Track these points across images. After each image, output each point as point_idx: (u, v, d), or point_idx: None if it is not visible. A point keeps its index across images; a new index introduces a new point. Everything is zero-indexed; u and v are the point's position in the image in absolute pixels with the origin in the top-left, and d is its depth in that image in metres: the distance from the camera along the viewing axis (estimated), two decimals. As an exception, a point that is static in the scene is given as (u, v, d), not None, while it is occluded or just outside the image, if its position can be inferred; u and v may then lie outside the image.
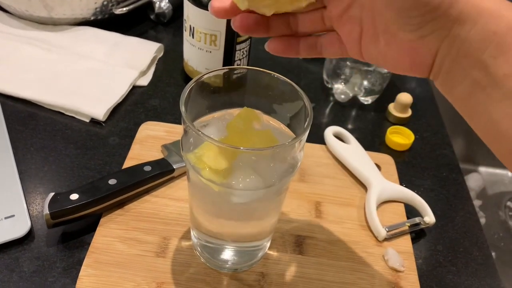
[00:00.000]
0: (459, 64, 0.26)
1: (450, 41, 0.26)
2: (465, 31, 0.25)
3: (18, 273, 0.42)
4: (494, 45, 0.24)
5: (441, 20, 0.26)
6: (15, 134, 0.55)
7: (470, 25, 0.25)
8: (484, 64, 0.25)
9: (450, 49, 0.26)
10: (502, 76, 0.24)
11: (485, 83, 0.25)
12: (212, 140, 0.31)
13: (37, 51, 0.65)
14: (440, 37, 0.26)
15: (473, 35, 0.25)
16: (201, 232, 0.41)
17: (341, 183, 0.53)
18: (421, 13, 0.26)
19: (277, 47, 0.33)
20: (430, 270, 0.47)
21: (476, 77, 0.26)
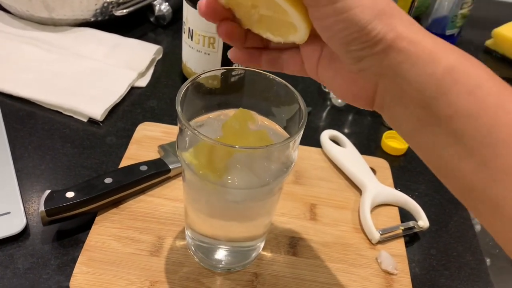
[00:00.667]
0: (402, 101, 0.26)
1: (390, 78, 0.26)
2: (404, 70, 0.25)
3: (13, 270, 0.42)
4: (433, 87, 0.25)
5: (380, 56, 0.26)
6: (13, 132, 0.55)
7: (409, 65, 0.25)
8: (425, 104, 0.25)
9: (390, 86, 0.27)
10: (445, 116, 0.25)
11: (429, 122, 0.26)
12: (207, 139, 0.31)
13: (37, 51, 0.66)
14: (378, 72, 0.27)
15: (412, 76, 0.25)
16: (195, 231, 0.42)
17: (336, 186, 0.53)
18: (360, 48, 0.26)
19: (240, 56, 0.33)
20: (423, 273, 0.47)
21: (420, 116, 0.26)
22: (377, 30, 0.25)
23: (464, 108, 0.24)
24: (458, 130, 0.24)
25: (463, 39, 0.88)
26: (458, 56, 0.25)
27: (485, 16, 0.95)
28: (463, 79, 0.24)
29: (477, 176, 0.24)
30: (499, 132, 0.23)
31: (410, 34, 0.25)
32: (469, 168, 0.24)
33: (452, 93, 0.24)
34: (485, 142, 0.24)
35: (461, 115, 0.24)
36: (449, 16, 0.80)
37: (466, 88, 0.24)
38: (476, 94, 0.24)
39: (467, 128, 0.24)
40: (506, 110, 0.24)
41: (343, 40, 0.26)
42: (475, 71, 0.25)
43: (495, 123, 0.23)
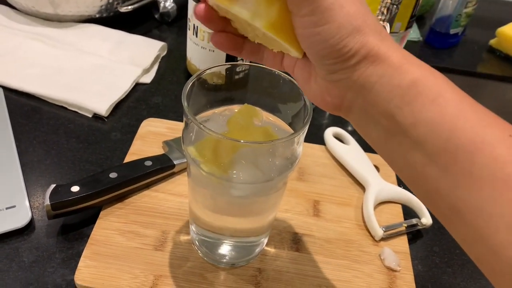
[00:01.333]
0: (368, 111, 0.28)
1: (357, 90, 0.28)
2: (371, 83, 0.27)
3: (18, 263, 0.42)
4: (399, 97, 0.26)
5: (351, 70, 0.28)
6: (19, 127, 0.55)
7: (376, 78, 0.27)
8: (391, 113, 0.27)
9: (358, 98, 0.28)
10: (408, 125, 0.26)
11: (395, 131, 0.27)
12: (213, 133, 0.32)
13: (42, 46, 0.66)
14: (348, 85, 0.28)
15: (379, 87, 0.27)
16: (199, 226, 0.42)
17: (340, 183, 0.53)
18: (333, 62, 0.28)
19: (222, 42, 0.34)
20: (426, 270, 0.47)
21: (386, 125, 0.27)
22: (349, 47, 0.27)
23: (427, 116, 0.25)
24: (420, 137, 0.26)
25: (467, 38, 0.88)
26: (423, 70, 0.27)
27: (489, 16, 0.95)
28: (426, 90, 0.26)
29: (440, 181, 0.25)
30: (459, 138, 0.25)
31: (381, 49, 0.27)
32: (432, 174, 0.26)
33: (416, 103, 0.26)
34: (445, 148, 0.25)
35: (423, 123, 0.26)
36: (453, 15, 0.80)
37: (428, 98, 0.26)
38: (437, 103, 0.25)
39: (429, 135, 0.25)
40: (465, 117, 0.25)
41: (318, 53, 0.28)
42: (437, 82, 0.26)
43: (454, 130, 0.25)
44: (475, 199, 0.24)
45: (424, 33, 0.87)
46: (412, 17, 0.60)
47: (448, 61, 0.83)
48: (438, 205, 0.26)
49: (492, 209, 0.23)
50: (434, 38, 0.84)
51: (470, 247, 0.26)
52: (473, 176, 0.24)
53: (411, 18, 0.60)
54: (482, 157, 0.24)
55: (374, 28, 0.27)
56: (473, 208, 0.24)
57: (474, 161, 0.24)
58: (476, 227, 0.24)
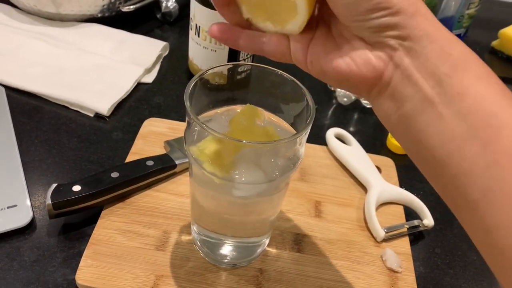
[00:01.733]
0: (411, 78, 0.27)
1: (406, 50, 0.27)
2: (421, 46, 0.26)
3: (19, 262, 0.42)
4: (449, 65, 0.26)
5: (399, 28, 0.26)
6: (20, 126, 0.55)
7: (427, 42, 0.26)
8: (438, 80, 0.26)
9: (404, 59, 0.27)
10: (455, 94, 0.25)
11: (437, 100, 0.26)
12: (215, 133, 0.32)
13: (44, 46, 0.66)
14: (395, 45, 0.27)
15: (430, 51, 0.26)
16: (201, 226, 0.42)
17: (341, 184, 0.53)
18: (381, 15, 0.26)
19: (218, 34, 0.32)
20: (427, 272, 0.47)
21: (428, 93, 0.26)
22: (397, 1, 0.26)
23: (475, 89, 0.25)
24: (465, 109, 0.25)
25: (469, 39, 0.88)
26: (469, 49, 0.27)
27: (491, 17, 0.95)
28: (475, 66, 0.26)
29: (478, 158, 0.25)
30: (504, 114, 0.25)
31: (428, 14, 0.27)
32: (471, 150, 0.25)
33: (466, 74, 0.26)
34: (489, 123, 0.25)
35: (471, 94, 0.25)
36: (456, 16, 0.80)
37: (477, 73, 0.26)
38: (485, 79, 0.26)
39: (475, 107, 0.25)
40: (510, 97, 0.25)
41: (364, 8, 0.26)
42: (482, 63, 0.27)
43: (500, 106, 0.25)
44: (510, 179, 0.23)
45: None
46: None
47: (450, 62, 0.82)
48: (466, 190, 0.25)
49: None
50: (436, 39, 0.84)
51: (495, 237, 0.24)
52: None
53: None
54: None
55: None
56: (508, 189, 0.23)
57: None
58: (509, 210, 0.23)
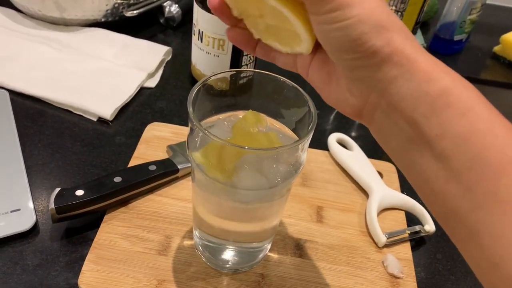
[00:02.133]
0: (391, 117, 0.26)
1: (382, 92, 0.26)
2: (397, 86, 0.25)
3: (22, 266, 0.42)
4: (426, 105, 0.25)
5: (374, 69, 0.26)
6: (24, 130, 0.55)
7: (402, 81, 0.25)
8: (415, 122, 0.25)
9: (381, 100, 0.27)
10: (434, 136, 0.25)
11: (418, 141, 0.25)
12: (218, 139, 0.32)
13: (48, 50, 0.67)
14: (371, 84, 0.27)
15: (405, 92, 0.25)
16: (203, 231, 0.42)
17: (343, 189, 0.53)
18: (354, 57, 0.26)
19: (237, 38, 0.33)
20: (429, 278, 0.47)
21: (408, 134, 0.26)
22: (372, 42, 0.25)
23: (455, 130, 0.24)
24: (446, 151, 0.24)
25: (471, 45, 0.88)
26: (453, 79, 0.25)
27: (493, 22, 0.96)
28: (457, 102, 0.24)
29: (461, 200, 0.24)
30: (486, 157, 0.23)
31: (407, 50, 0.25)
32: (454, 192, 0.24)
33: (444, 114, 0.24)
34: (471, 166, 0.23)
35: (450, 136, 0.24)
36: (458, 22, 0.80)
37: (458, 110, 0.24)
38: (468, 117, 0.24)
39: (456, 150, 0.24)
40: (495, 134, 0.24)
41: (339, 48, 0.26)
42: (469, 94, 0.25)
43: (484, 147, 0.23)
44: (496, 223, 0.23)
45: (428, 40, 0.88)
46: (417, 24, 0.61)
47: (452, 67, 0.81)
48: (455, 226, 0.25)
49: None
50: (438, 45, 0.84)
51: (483, 273, 0.25)
52: (497, 198, 0.23)
53: (416, 24, 0.61)
54: (509, 180, 0.23)
55: (399, 26, 0.26)
56: (492, 232, 0.23)
57: (500, 183, 0.23)
58: (493, 253, 0.23)
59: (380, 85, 0.26)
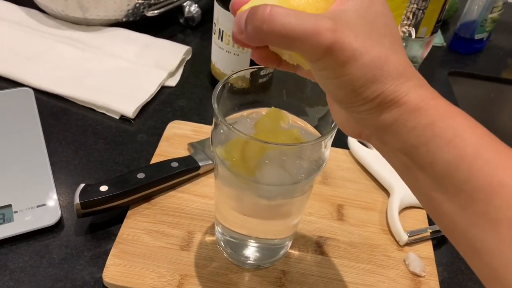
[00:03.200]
0: (386, 146, 0.28)
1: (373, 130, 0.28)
2: (387, 125, 0.27)
3: (48, 260, 0.43)
4: (415, 138, 0.26)
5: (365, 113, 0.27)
6: (48, 127, 0.57)
7: (392, 121, 0.27)
8: (407, 152, 0.27)
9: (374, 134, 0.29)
10: (426, 163, 0.26)
11: (413, 167, 0.27)
12: (242, 134, 0.32)
13: (71, 50, 0.68)
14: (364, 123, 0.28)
15: (395, 129, 0.27)
16: (225, 227, 0.42)
17: (363, 187, 0.53)
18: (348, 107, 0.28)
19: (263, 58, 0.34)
20: (451, 277, 0.46)
21: (403, 161, 0.27)
22: (363, 96, 0.26)
23: (443, 157, 0.25)
24: (439, 176, 0.26)
25: (492, 44, 0.87)
26: (441, 111, 0.26)
27: (515, 21, 0.94)
28: (442, 132, 0.25)
29: (458, 218, 0.25)
30: (476, 180, 0.24)
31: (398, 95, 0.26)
32: (451, 211, 0.26)
33: (432, 144, 0.26)
34: (462, 189, 0.25)
35: (441, 163, 0.25)
36: (479, 21, 0.80)
37: (445, 139, 0.25)
38: (454, 144, 0.25)
39: (447, 175, 0.25)
40: (483, 158, 0.25)
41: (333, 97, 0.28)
42: (455, 123, 0.26)
43: (472, 171, 0.25)
44: (492, 240, 0.24)
45: (447, 39, 0.87)
46: (438, 22, 0.60)
47: (473, 67, 0.82)
48: (458, 241, 0.26)
49: (510, 251, 0.23)
50: (459, 44, 0.84)
51: (487, 284, 0.26)
52: (490, 218, 0.24)
53: (437, 23, 0.60)
54: (499, 200, 0.24)
55: (395, 72, 0.26)
56: (490, 249, 0.24)
57: (491, 204, 0.24)
58: (493, 267, 0.24)
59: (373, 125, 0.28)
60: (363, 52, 0.25)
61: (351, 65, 0.25)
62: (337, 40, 0.24)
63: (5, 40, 0.68)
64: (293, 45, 0.25)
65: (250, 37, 0.26)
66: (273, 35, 0.25)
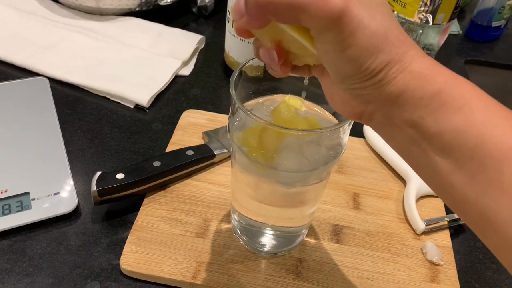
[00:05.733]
0: (391, 121, 0.27)
1: (379, 103, 0.27)
2: (393, 97, 0.26)
3: (66, 246, 0.44)
4: (422, 108, 0.25)
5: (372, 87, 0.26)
6: (64, 116, 0.57)
7: (399, 92, 0.26)
8: (414, 123, 0.26)
9: (379, 109, 0.28)
10: (433, 133, 0.25)
11: (419, 139, 0.26)
12: (261, 120, 0.32)
13: (85, 39, 0.68)
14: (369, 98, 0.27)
15: (402, 100, 0.26)
16: (242, 215, 0.42)
17: (380, 176, 0.53)
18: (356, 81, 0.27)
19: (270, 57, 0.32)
20: (469, 266, 0.46)
21: (409, 133, 0.27)
22: (372, 67, 0.25)
23: (452, 125, 0.25)
24: (446, 146, 0.25)
25: (509, 31, 0.85)
26: (447, 79, 0.26)
27: (533, 8, 0.92)
28: (450, 99, 0.25)
29: (467, 189, 0.25)
30: (486, 146, 0.24)
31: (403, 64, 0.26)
32: (460, 182, 0.25)
33: (439, 113, 0.25)
34: (472, 156, 0.24)
35: (448, 131, 0.25)
36: (496, 8, 0.78)
37: (453, 107, 0.25)
38: (463, 111, 0.25)
39: (455, 143, 0.25)
40: (493, 124, 0.24)
41: (341, 74, 0.27)
42: (462, 91, 0.25)
43: (482, 138, 0.24)
44: (504, 208, 0.23)
45: (463, 26, 0.85)
46: (456, 8, 0.59)
47: (489, 55, 0.80)
48: (467, 213, 0.26)
49: None
50: (475, 31, 0.82)
51: (502, 255, 0.25)
52: (501, 185, 0.23)
53: (455, 9, 0.59)
54: (510, 166, 0.23)
55: (397, 40, 0.26)
56: (502, 217, 0.23)
57: (502, 170, 0.23)
58: (507, 235, 0.23)
59: (379, 98, 0.27)
60: (369, 20, 0.24)
61: (358, 34, 0.24)
62: (347, 6, 0.23)
63: (20, 30, 0.68)
64: (300, 13, 0.24)
65: (251, 15, 0.25)
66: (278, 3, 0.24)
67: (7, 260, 0.42)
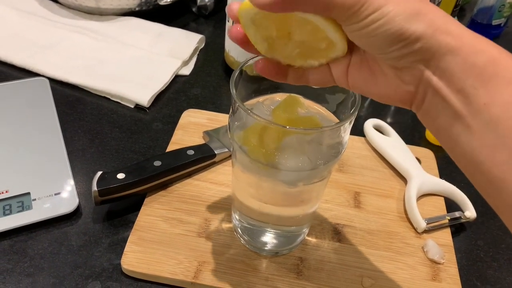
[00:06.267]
0: (440, 95, 0.27)
1: (431, 71, 0.27)
2: (446, 62, 0.26)
3: (67, 246, 0.44)
4: (474, 76, 0.25)
5: (421, 53, 0.26)
6: (64, 116, 0.57)
7: (450, 57, 0.26)
8: (465, 93, 0.26)
9: (431, 80, 0.27)
10: (482, 105, 0.25)
11: (465, 113, 0.26)
12: (261, 119, 0.32)
13: (85, 39, 0.68)
14: (421, 67, 0.27)
15: (454, 66, 0.26)
16: (243, 214, 0.42)
17: (380, 175, 0.53)
18: (399, 47, 0.26)
19: (265, 70, 0.33)
20: (470, 264, 0.46)
21: (457, 107, 0.26)
22: (412, 30, 0.25)
23: (503, 96, 0.25)
24: (493, 118, 0.25)
25: (510, 30, 0.85)
26: (500, 50, 0.26)
27: (533, 6, 0.92)
28: (504, 71, 0.25)
29: (507, 167, 0.24)
30: None
31: (449, 28, 0.26)
32: (501, 159, 0.25)
33: (492, 83, 0.25)
34: None
35: (498, 104, 0.25)
36: (496, 6, 0.78)
37: (505, 79, 0.25)
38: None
39: (503, 116, 0.24)
40: None
41: (381, 45, 0.27)
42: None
43: None
44: None
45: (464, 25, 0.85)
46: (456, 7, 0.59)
47: (490, 53, 0.80)
48: (500, 193, 0.25)
49: None
50: (475, 30, 0.81)
51: None
52: None
53: (455, 7, 0.59)
54: None
55: (435, 9, 0.26)
56: None
57: None
58: None
59: (431, 63, 0.26)
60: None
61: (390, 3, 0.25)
62: None
63: (20, 31, 0.68)
64: None
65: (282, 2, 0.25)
66: None
67: (8, 260, 0.42)
